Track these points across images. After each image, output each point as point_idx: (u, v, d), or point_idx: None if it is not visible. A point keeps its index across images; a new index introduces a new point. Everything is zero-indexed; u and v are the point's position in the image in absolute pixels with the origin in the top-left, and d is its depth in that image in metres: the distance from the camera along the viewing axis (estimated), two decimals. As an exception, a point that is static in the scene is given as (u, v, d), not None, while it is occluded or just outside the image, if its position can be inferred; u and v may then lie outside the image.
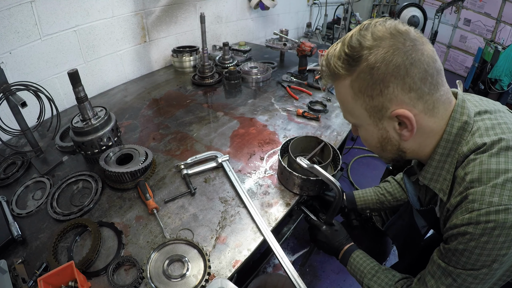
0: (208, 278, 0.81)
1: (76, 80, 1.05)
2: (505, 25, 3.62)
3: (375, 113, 0.64)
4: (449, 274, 0.64)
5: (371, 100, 0.62)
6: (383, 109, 0.62)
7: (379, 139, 0.69)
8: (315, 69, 2.12)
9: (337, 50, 0.64)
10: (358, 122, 0.70)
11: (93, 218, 1.00)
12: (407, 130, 0.63)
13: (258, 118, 1.57)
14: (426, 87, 0.59)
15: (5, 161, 1.22)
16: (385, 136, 0.67)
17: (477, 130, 0.62)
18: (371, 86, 0.61)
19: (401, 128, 0.64)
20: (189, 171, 1.16)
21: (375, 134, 0.69)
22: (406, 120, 0.61)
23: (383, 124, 0.65)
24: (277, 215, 1.02)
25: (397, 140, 0.66)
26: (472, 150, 0.61)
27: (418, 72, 0.58)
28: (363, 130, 0.71)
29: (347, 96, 0.66)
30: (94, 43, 1.71)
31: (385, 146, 0.69)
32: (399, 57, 0.57)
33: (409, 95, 0.59)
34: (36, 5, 1.39)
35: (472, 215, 0.56)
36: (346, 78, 0.64)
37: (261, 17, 3.03)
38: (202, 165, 1.20)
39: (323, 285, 1.88)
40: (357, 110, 0.66)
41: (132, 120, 1.54)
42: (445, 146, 0.64)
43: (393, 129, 0.65)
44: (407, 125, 0.62)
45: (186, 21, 2.23)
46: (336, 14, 3.43)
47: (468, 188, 0.59)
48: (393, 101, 0.60)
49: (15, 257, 0.87)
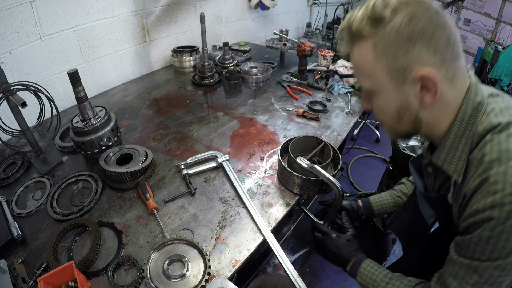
0: (208, 278, 0.81)
1: (76, 80, 1.05)
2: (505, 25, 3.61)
3: (397, 75, 0.61)
4: (474, 270, 0.60)
5: (395, 60, 0.60)
6: (406, 70, 0.60)
7: (397, 107, 0.65)
8: (315, 69, 2.12)
9: (360, 13, 0.63)
10: (376, 87, 0.66)
11: (93, 218, 1.00)
12: (429, 94, 0.60)
13: (258, 118, 1.57)
14: (449, 53, 0.59)
15: (5, 161, 1.22)
16: (405, 102, 0.64)
17: (492, 110, 0.61)
18: (396, 45, 0.59)
19: (423, 93, 0.61)
20: (189, 171, 1.16)
21: (394, 101, 0.65)
22: (430, 82, 0.59)
23: (404, 89, 0.62)
24: (277, 215, 1.02)
25: (416, 108, 0.64)
26: (488, 130, 0.59)
27: (443, 37, 0.57)
28: (381, 97, 0.67)
29: (368, 58, 0.63)
30: (94, 43, 1.71)
31: (403, 115, 0.66)
32: (425, 19, 0.57)
33: (433, 57, 0.58)
34: (36, 5, 1.39)
35: (496, 197, 0.53)
36: (369, 39, 0.62)
37: (261, 17, 3.03)
38: (202, 165, 1.20)
39: (323, 285, 1.88)
40: (377, 73, 0.63)
41: (132, 120, 1.54)
42: (460, 126, 0.63)
43: (414, 94, 0.62)
44: (430, 88, 0.59)
45: (186, 21, 2.23)
46: (336, 14, 3.43)
47: (487, 169, 0.56)
48: (418, 61, 0.58)
49: (15, 257, 0.87)
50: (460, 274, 0.62)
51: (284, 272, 0.88)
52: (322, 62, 2.11)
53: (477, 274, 0.59)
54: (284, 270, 0.88)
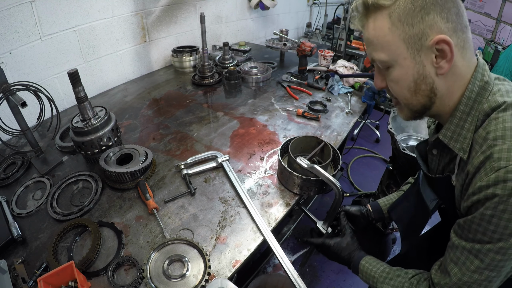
0: (208, 278, 0.81)
1: (76, 80, 1.05)
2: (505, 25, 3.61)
3: (414, 43, 0.62)
4: (476, 255, 0.60)
5: (411, 28, 0.61)
6: (423, 37, 0.61)
7: (414, 76, 0.66)
8: (315, 69, 2.12)
9: None
10: (392, 58, 0.66)
11: (93, 218, 1.00)
12: (445, 61, 0.62)
13: (258, 118, 1.57)
14: (460, 23, 0.61)
15: (5, 161, 1.22)
16: (421, 71, 0.64)
17: (498, 91, 0.63)
18: (412, 13, 0.60)
19: (439, 60, 0.62)
20: (189, 171, 1.16)
21: (411, 70, 0.65)
22: (446, 46, 0.60)
23: (420, 57, 0.63)
24: (277, 215, 1.02)
25: (433, 76, 0.64)
26: (492, 108, 0.61)
27: (453, 7, 0.60)
28: (397, 68, 0.67)
29: (383, 28, 0.64)
30: (94, 43, 1.71)
31: (419, 85, 0.66)
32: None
33: (446, 25, 0.60)
34: (36, 5, 1.39)
35: (499, 173, 0.53)
36: (384, 10, 0.63)
37: (261, 17, 3.03)
38: (202, 165, 1.20)
39: (323, 285, 1.88)
40: (394, 43, 0.64)
41: (132, 120, 1.54)
42: (467, 104, 0.64)
43: (430, 62, 0.63)
44: (446, 54, 0.61)
45: (186, 21, 2.23)
46: (336, 14, 3.43)
47: (491, 146, 0.57)
48: (433, 27, 0.60)
49: (15, 257, 0.87)
50: (461, 260, 0.63)
51: (284, 272, 0.88)
52: (322, 62, 2.11)
53: (479, 259, 0.59)
54: (284, 270, 0.88)
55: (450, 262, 0.65)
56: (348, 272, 2.10)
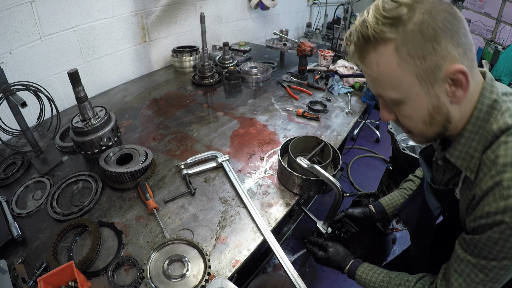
0: (208, 278, 0.81)
1: (76, 80, 1.05)
2: (505, 25, 3.61)
3: (427, 77, 0.58)
4: (481, 269, 0.61)
5: (424, 62, 0.56)
6: (436, 70, 0.57)
7: (429, 110, 0.62)
8: (315, 69, 2.12)
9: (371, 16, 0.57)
10: (404, 95, 0.61)
11: (93, 218, 1.00)
12: (461, 89, 0.58)
13: (258, 118, 1.57)
14: (467, 43, 0.57)
15: (5, 161, 1.22)
16: (436, 103, 0.61)
17: (507, 110, 0.60)
18: (422, 45, 0.55)
19: (454, 90, 0.59)
20: (189, 171, 1.16)
21: (425, 105, 0.61)
22: (462, 75, 0.56)
23: (434, 90, 0.59)
24: (277, 215, 1.02)
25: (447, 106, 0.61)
26: (502, 130, 0.59)
27: (461, 27, 0.56)
28: (410, 105, 0.63)
29: (390, 65, 0.58)
30: (94, 43, 1.71)
31: (435, 117, 0.62)
32: (443, 12, 0.55)
33: (458, 50, 0.56)
34: (36, 5, 1.39)
35: (508, 202, 0.54)
36: (389, 44, 0.57)
37: (261, 17, 3.03)
38: (202, 165, 1.20)
39: (323, 285, 1.88)
40: (405, 80, 0.59)
41: (132, 120, 1.54)
42: (475, 123, 0.62)
43: (445, 93, 0.59)
44: (462, 83, 0.57)
45: (186, 21, 2.23)
46: (336, 14, 3.43)
47: (501, 172, 0.56)
48: (446, 57, 0.56)
49: (15, 257, 0.87)
50: (465, 272, 0.64)
51: (284, 272, 0.88)
52: (322, 62, 2.11)
53: (483, 273, 0.61)
54: (284, 270, 0.88)
55: (455, 273, 0.66)
56: (348, 272, 2.08)
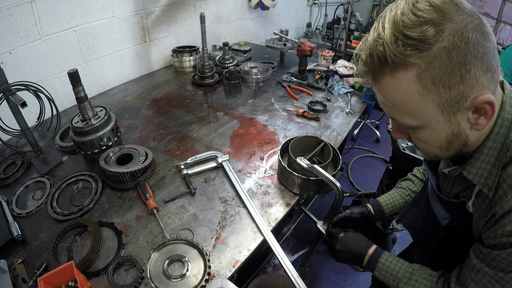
0: (208, 278, 0.81)
1: (76, 80, 1.05)
2: (505, 25, 3.61)
3: (450, 107, 0.52)
4: (498, 280, 0.60)
5: (449, 92, 0.50)
6: (462, 99, 0.50)
7: (447, 137, 0.57)
8: (315, 69, 2.12)
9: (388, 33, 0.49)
10: (423, 122, 0.56)
11: (93, 218, 1.00)
12: (484, 118, 0.53)
13: (258, 118, 1.57)
14: (496, 64, 0.51)
15: (5, 161, 1.22)
16: (456, 131, 0.56)
17: None
18: (450, 74, 0.48)
19: (477, 117, 0.53)
20: (189, 171, 1.16)
21: (444, 132, 0.56)
22: (488, 106, 0.51)
23: (456, 118, 0.53)
24: (277, 215, 1.02)
25: (467, 132, 0.56)
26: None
27: (491, 48, 0.49)
28: (428, 131, 0.58)
29: (410, 93, 0.52)
30: (94, 43, 1.71)
31: (452, 143, 0.58)
32: (475, 32, 0.47)
33: (486, 76, 0.50)
34: (36, 5, 1.39)
35: None
36: (410, 69, 0.49)
37: (261, 17, 3.03)
38: (202, 165, 1.20)
39: (323, 285, 1.88)
40: (425, 109, 0.53)
41: (132, 120, 1.54)
42: (495, 139, 0.58)
43: (466, 120, 0.54)
44: (487, 112, 0.52)
45: (186, 21, 2.23)
46: (336, 14, 3.44)
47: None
48: (474, 87, 0.49)
49: (15, 257, 0.87)
50: (482, 282, 0.63)
51: (284, 272, 0.88)
52: (322, 62, 2.11)
53: (500, 284, 0.60)
54: (284, 270, 0.88)
55: (472, 281, 0.65)
56: (348, 272, 2.10)
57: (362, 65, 0.56)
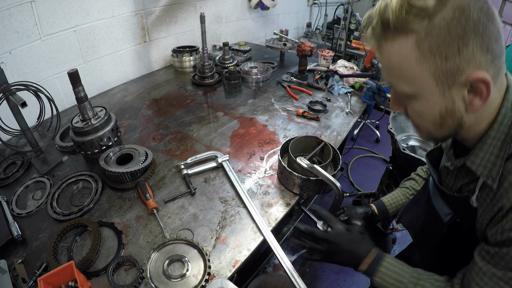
0: (208, 278, 0.81)
1: (76, 80, 1.05)
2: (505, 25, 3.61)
3: (445, 78, 0.53)
4: (507, 282, 0.57)
5: (445, 62, 0.52)
6: (457, 73, 0.52)
7: (441, 112, 0.58)
8: (315, 69, 2.12)
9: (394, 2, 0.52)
10: (417, 91, 0.58)
11: (93, 218, 1.00)
12: (479, 98, 0.54)
13: (258, 118, 1.57)
14: (498, 49, 0.52)
15: (5, 161, 1.22)
16: (450, 107, 0.57)
17: None
18: (447, 44, 0.50)
19: (472, 97, 0.54)
20: (189, 171, 1.16)
21: (438, 106, 0.57)
22: (483, 85, 0.52)
23: (451, 93, 0.55)
24: (277, 215, 1.02)
25: (461, 112, 0.57)
26: None
27: (494, 31, 0.51)
28: (422, 102, 0.59)
29: (409, 58, 0.54)
30: (94, 43, 1.71)
31: (446, 120, 0.59)
32: (478, 10, 0.49)
33: (485, 56, 0.51)
34: (36, 5, 1.39)
35: None
36: (410, 35, 0.52)
37: (261, 17, 3.03)
38: (202, 165, 1.20)
39: (323, 285, 1.88)
40: (421, 77, 0.55)
41: (132, 120, 1.54)
42: (498, 129, 0.58)
43: (461, 98, 0.55)
44: (482, 92, 0.53)
45: (186, 21, 2.23)
46: (336, 14, 3.43)
47: None
48: (470, 62, 0.51)
49: (15, 257, 0.87)
50: (489, 285, 0.60)
51: (284, 272, 0.88)
52: (322, 62, 2.11)
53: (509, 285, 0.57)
54: (284, 270, 0.88)
55: (476, 286, 0.62)
56: (349, 272, 2.10)
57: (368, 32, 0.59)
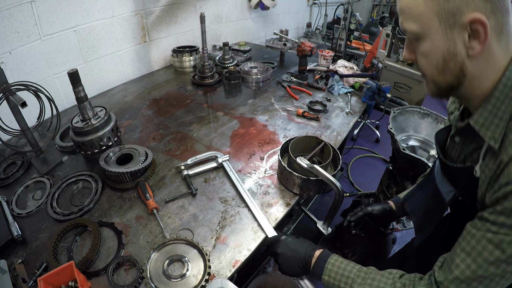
0: (208, 278, 0.81)
1: (76, 80, 1.05)
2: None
3: (447, 18, 0.60)
4: (497, 245, 0.57)
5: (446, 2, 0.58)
6: (457, 13, 0.58)
7: (443, 53, 0.63)
8: (315, 69, 2.12)
9: None
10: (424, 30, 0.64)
11: (93, 218, 0.99)
12: (478, 42, 0.59)
13: (258, 118, 1.57)
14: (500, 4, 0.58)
15: (5, 161, 1.22)
16: (452, 49, 0.62)
17: None
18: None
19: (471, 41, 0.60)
20: (189, 172, 1.16)
21: (441, 46, 0.63)
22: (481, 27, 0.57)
23: (452, 34, 0.61)
24: (277, 215, 1.02)
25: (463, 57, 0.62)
26: None
27: None
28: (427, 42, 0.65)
29: None
30: (94, 43, 1.71)
31: (448, 63, 0.64)
32: None
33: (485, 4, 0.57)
34: (36, 5, 1.39)
35: None
36: None
37: (261, 17, 3.03)
38: (202, 165, 1.20)
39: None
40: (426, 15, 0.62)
41: (132, 120, 1.54)
42: (503, 91, 0.61)
43: (462, 41, 0.60)
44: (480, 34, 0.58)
45: (186, 21, 2.23)
46: (336, 14, 3.44)
47: None
48: (470, 4, 0.57)
49: (15, 257, 0.87)
50: (477, 250, 0.60)
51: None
52: (322, 62, 2.11)
53: (500, 249, 0.57)
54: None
55: (462, 252, 0.62)
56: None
57: None
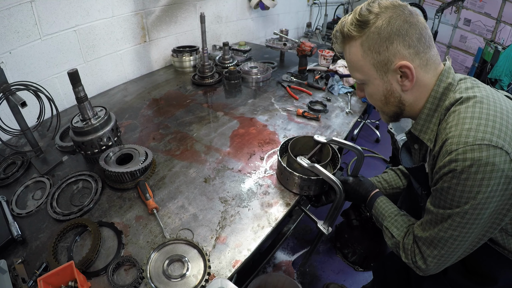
0: (208, 278, 0.81)
1: (76, 80, 1.05)
2: (505, 25, 3.60)
3: (381, 67, 0.77)
4: (441, 219, 0.73)
5: (379, 55, 0.75)
6: (388, 63, 0.75)
7: (383, 92, 0.81)
8: (315, 69, 2.12)
9: (349, 18, 0.78)
10: (366, 77, 0.81)
11: (93, 218, 0.99)
12: (408, 80, 0.76)
13: (258, 118, 1.57)
14: (421, 46, 0.74)
15: (5, 161, 1.22)
16: (389, 88, 0.79)
17: (458, 89, 0.76)
18: (378, 44, 0.74)
19: (403, 80, 0.76)
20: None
21: (381, 88, 0.81)
22: (407, 70, 0.73)
23: (387, 77, 0.78)
24: (277, 215, 1.02)
25: (399, 92, 0.79)
26: (451, 103, 0.74)
27: (415, 33, 0.73)
28: (370, 86, 0.83)
29: (357, 54, 0.79)
30: (94, 43, 1.71)
31: (389, 98, 0.82)
32: (401, 20, 0.72)
33: (408, 50, 0.73)
34: (36, 5, 1.39)
35: (452, 155, 0.66)
36: (357, 39, 0.77)
37: (261, 17, 3.03)
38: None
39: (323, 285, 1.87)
40: (366, 67, 0.79)
41: (132, 120, 1.54)
42: (432, 102, 0.78)
43: (396, 81, 0.77)
44: (408, 75, 0.75)
45: (186, 21, 2.23)
46: (336, 14, 3.44)
47: (448, 133, 0.69)
48: (396, 55, 0.74)
49: (15, 257, 0.87)
50: (433, 220, 0.76)
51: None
52: (322, 62, 2.11)
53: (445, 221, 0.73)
54: None
55: (427, 221, 0.79)
56: (348, 272, 2.10)
57: (336, 40, 0.84)
